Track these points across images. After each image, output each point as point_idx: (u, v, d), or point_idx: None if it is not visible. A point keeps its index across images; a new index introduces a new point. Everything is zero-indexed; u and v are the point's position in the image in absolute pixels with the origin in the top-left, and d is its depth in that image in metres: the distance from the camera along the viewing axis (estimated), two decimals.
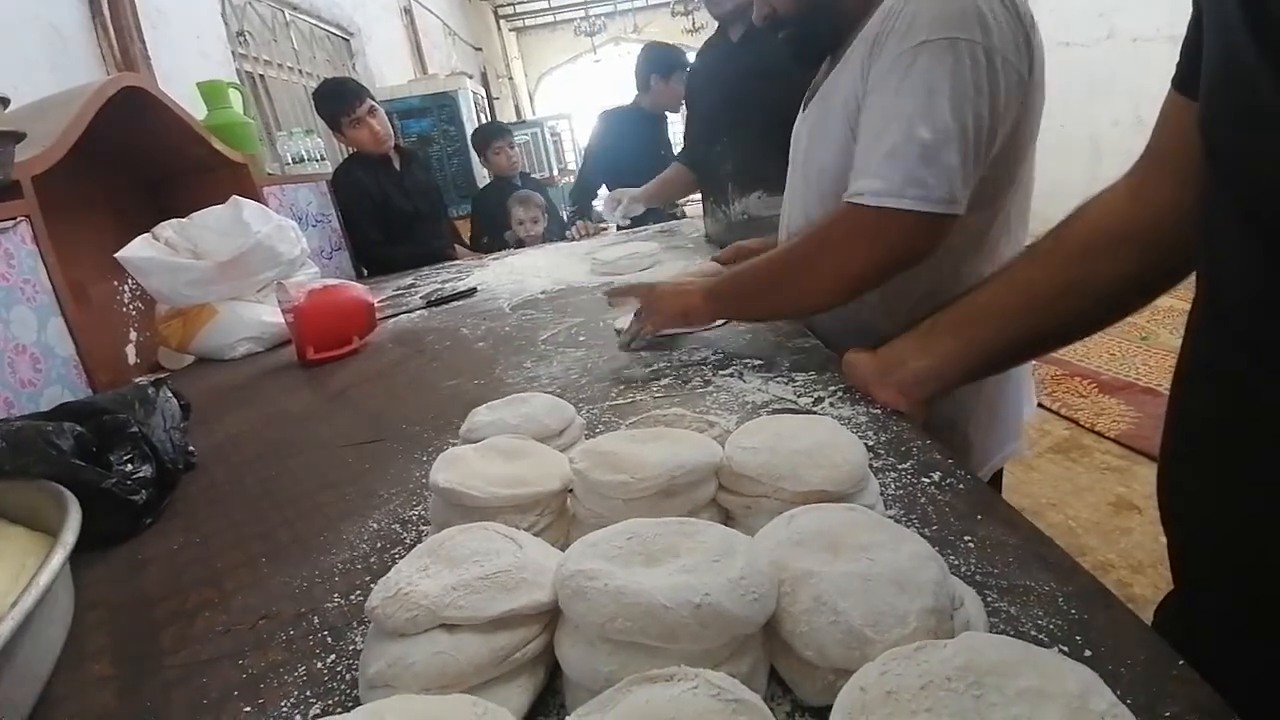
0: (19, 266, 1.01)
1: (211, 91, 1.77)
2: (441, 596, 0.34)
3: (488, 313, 1.31)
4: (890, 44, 0.70)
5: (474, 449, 0.51)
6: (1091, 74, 4.18)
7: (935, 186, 0.65)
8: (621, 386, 0.78)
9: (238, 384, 1.11)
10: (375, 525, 0.55)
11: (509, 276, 1.68)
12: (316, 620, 0.44)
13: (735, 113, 1.57)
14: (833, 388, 0.67)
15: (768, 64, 1.46)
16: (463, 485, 0.44)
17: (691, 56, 2.24)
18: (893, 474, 0.50)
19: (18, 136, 1.08)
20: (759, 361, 0.78)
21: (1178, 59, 0.44)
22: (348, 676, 0.38)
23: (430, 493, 0.57)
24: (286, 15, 3.27)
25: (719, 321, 0.90)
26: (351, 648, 0.41)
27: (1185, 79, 0.44)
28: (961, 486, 0.47)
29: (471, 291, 1.53)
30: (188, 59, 2.23)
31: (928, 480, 0.49)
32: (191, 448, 0.76)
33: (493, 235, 2.60)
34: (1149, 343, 2.77)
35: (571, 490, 0.48)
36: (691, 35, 12.02)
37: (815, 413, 0.62)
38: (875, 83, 0.72)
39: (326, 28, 3.76)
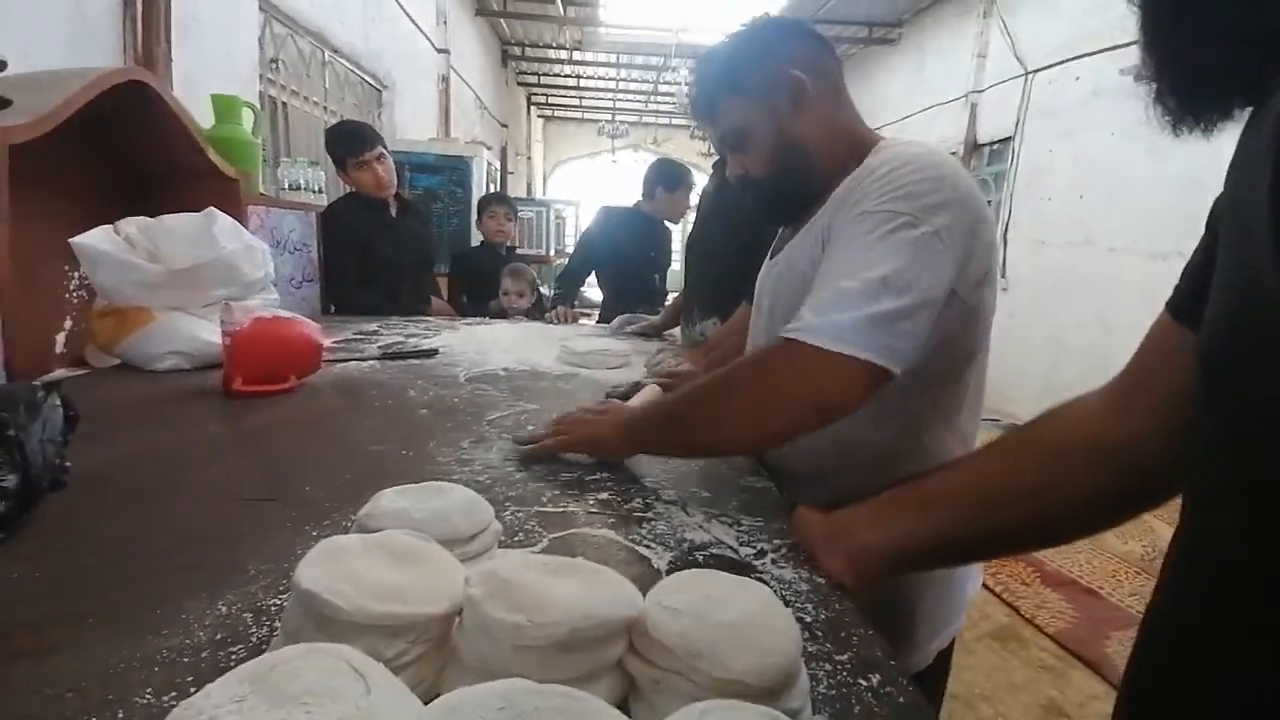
0: None
1: (225, 105, 1.76)
2: None
3: (441, 378, 1.25)
4: (843, 215, 0.75)
5: (361, 542, 0.44)
6: (1063, 274, 4.47)
7: (866, 336, 0.65)
8: (556, 491, 0.72)
9: (148, 400, 1.01)
10: (224, 609, 0.47)
11: (474, 345, 1.63)
12: (122, 715, 0.36)
13: (707, 241, 1.65)
14: (777, 541, 0.62)
15: (734, 206, 1.55)
16: (327, 591, 0.37)
17: (701, 177, 2.40)
18: (827, 665, 0.44)
19: (3, 102, 1.04)
20: (707, 494, 0.73)
21: (1177, 282, 0.43)
22: None
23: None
24: (325, 55, 3.38)
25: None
26: None
27: (1183, 306, 0.43)
28: (902, 700, 0.41)
29: (432, 353, 1.47)
30: (212, 71, 2.25)
31: (865, 683, 0.43)
32: (68, 463, 0.67)
33: (471, 297, 2.58)
34: (1096, 544, 2.77)
35: (460, 617, 0.41)
36: (705, 158, 12.82)
37: (755, 568, 0.57)
38: (829, 250, 0.76)
39: (362, 75, 3.89)
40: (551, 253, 8.19)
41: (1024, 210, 4.92)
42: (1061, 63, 4.57)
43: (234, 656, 0.42)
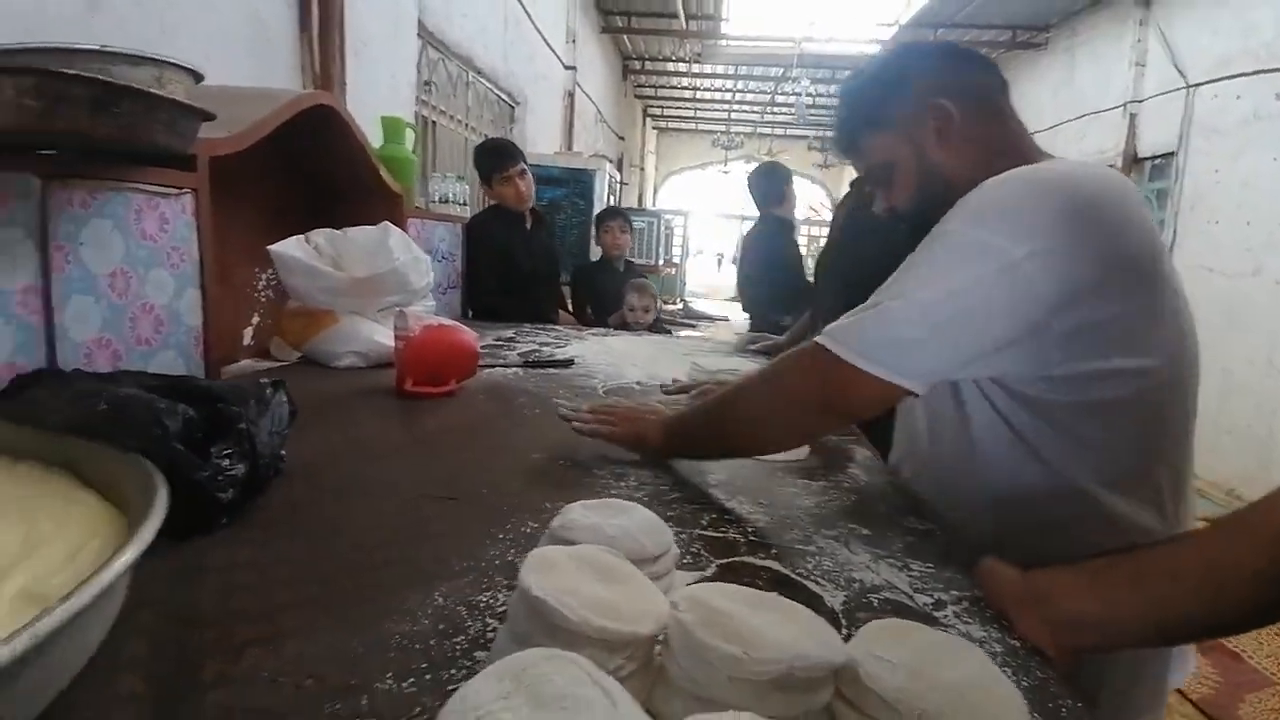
0: (172, 233, 1.08)
1: (392, 126, 1.93)
2: None
3: (581, 389, 1.30)
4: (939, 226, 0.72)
5: (569, 556, 0.47)
6: (1232, 306, 3.99)
7: (877, 346, 0.66)
8: (714, 515, 0.73)
9: (333, 395, 1.13)
10: (440, 601, 0.52)
11: (605, 357, 1.68)
12: (365, 702, 0.40)
13: (841, 261, 1.62)
14: (955, 592, 0.60)
15: (873, 228, 1.50)
16: (556, 601, 0.40)
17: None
18: None
19: (206, 115, 1.19)
20: (867, 532, 0.72)
21: None
22: None
23: (507, 587, 0.53)
24: (469, 76, 3.63)
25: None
26: None
27: None
28: None
29: (569, 362, 1.53)
30: (378, 91, 2.48)
31: None
32: (284, 453, 0.76)
33: (595, 309, 2.67)
34: None
35: (663, 639, 0.42)
36: (821, 169, 12.53)
37: (937, 619, 0.55)
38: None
39: (499, 93, 4.14)
40: (660, 262, 8.29)
41: (1190, 233, 4.43)
42: (1221, 79, 4.12)
43: (458, 646, 0.46)
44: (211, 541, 0.58)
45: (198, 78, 0.84)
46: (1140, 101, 5.00)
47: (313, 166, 1.72)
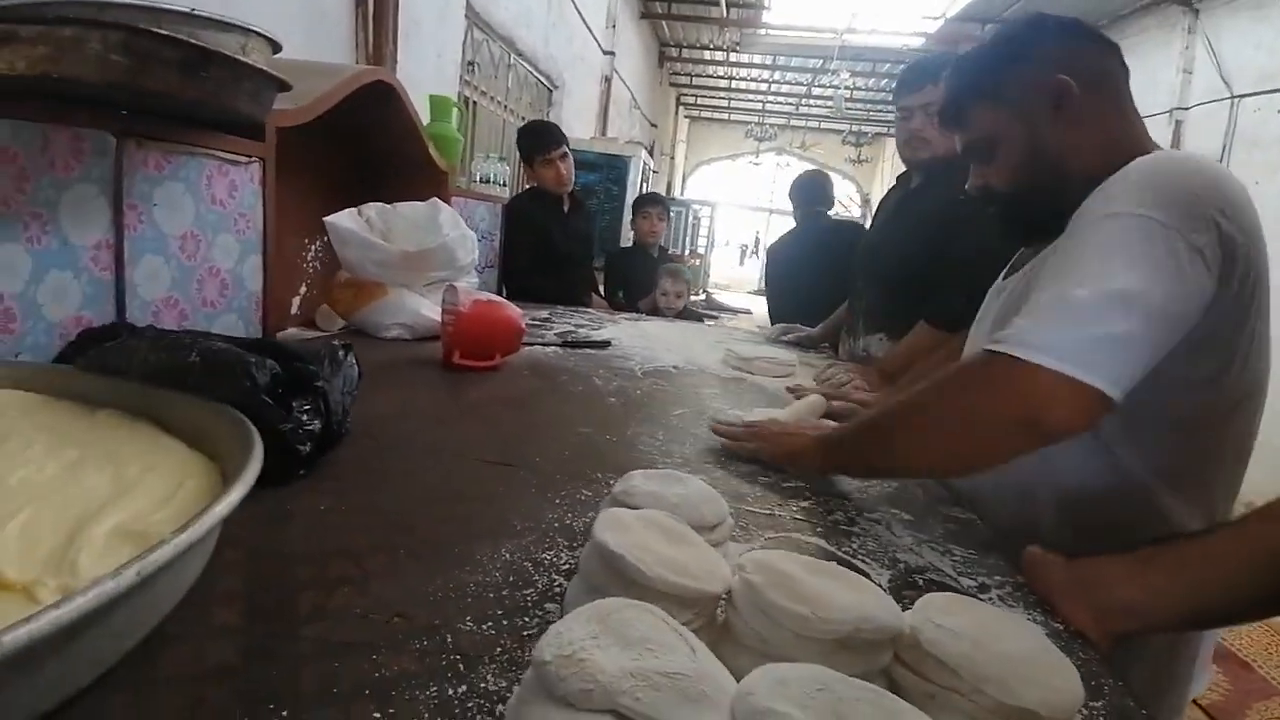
0: (239, 200, 1.12)
1: (440, 105, 1.96)
2: (619, 679, 0.32)
3: (620, 371, 1.33)
4: (1089, 211, 0.67)
5: (636, 518, 0.49)
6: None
7: (1081, 350, 0.58)
8: (759, 493, 0.75)
9: (383, 364, 1.16)
10: (508, 556, 0.54)
11: (641, 340, 1.70)
12: (450, 639, 0.43)
13: (880, 255, 1.60)
14: (998, 577, 0.61)
15: (919, 221, 1.51)
16: (633, 557, 0.42)
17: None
18: (1082, 713, 0.44)
19: (284, 86, 1.22)
20: (909, 517, 0.73)
21: None
22: (478, 717, 0.36)
23: (568, 547, 0.56)
24: (511, 58, 3.65)
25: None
26: (483, 685, 0.39)
27: None
28: None
29: (605, 344, 1.56)
30: (425, 70, 2.51)
31: None
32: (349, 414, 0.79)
33: (627, 294, 2.69)
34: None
35: (726, 598, 0.45)
36: (854, 165, 12.37)
37: (982, 600, 0.56)
38: (1066, 240, 0.68)
39: (539, 75, 4.15)
40: (686, 252, 8.26)
41: None
42: (1264, 93, 4.03)
43: (528, 597, 0.49)
44: (290, 491, 0.61)
45: (276, 48, 0.86)
46: (1186, 109, 4.90)
47: (363, 140, 1.75)
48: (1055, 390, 0.58)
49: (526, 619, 0.46)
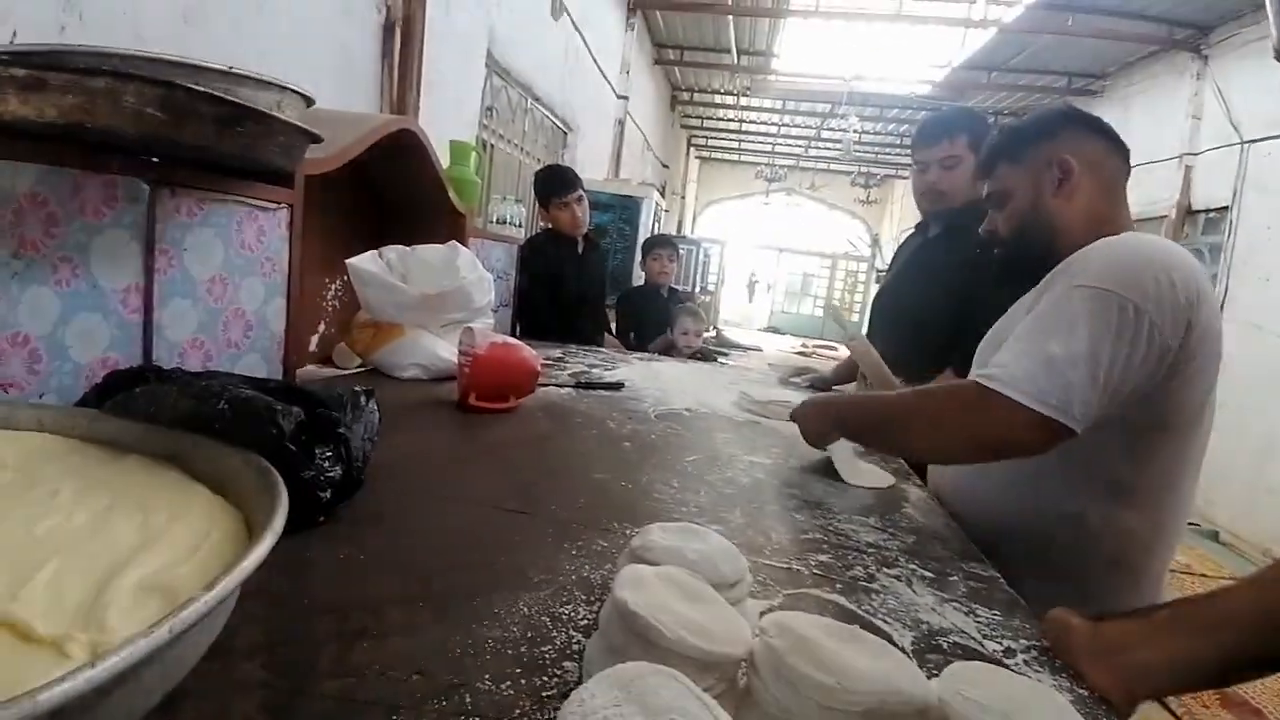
0: (266, 245, 1.15)
1: (459, 150, 2.02)
2: None
3: (633, 413, 1.33)
4: (1058, 281, 0.85)
5: (656, 576, 0.49)
6: (1277, 366, 3.87)
7: (1049, 391, 0.75)
8: (776, 546, 0.75)
9: (400, 404, 1.17)
10: (525, 610, 0.54)
11: (654, 382, 1.71)
12: (469, 700, 0.43)
13: (900, 302, 1.62)
14: (1024, 641, 0.60)
15: (939, 269, 1.55)
16: (653, 618, 0.42)
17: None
18: None
19: (315, 139, 1.27)
20: (929, 574, 0.72)
21: None
22: None
23: (585, 601, 0.56)
24: (528, 103, 3.75)
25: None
26: None
27: None
28: None
29: (619, 385, 1.56)
30: (445, 116, 2.59)
31: None
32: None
33: (639, 334, 2.71)
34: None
35: (748, 661, 0.44)
36: (863, 205, 12.51)
37: (1007, 665, 0.55)
38: (1040, 305, 0.85)
39: (554, 119, 4.26)
40: (697, 289, 8.32)
41: (1241, 289, 4.35)
42: (1275, 138, 4.07)
43: (546, 655, 0.48)
44: (310, 538, 0.62)
45: (309, 103, 0.90)
46: (1195, 154, 4.94)
47: (384, 184, 1.80)
48: (1028, 421, 0.77)
49: (545, 678, 0.46)
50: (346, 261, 1.38)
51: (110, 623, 0.40)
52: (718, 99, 8.87)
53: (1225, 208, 4.56)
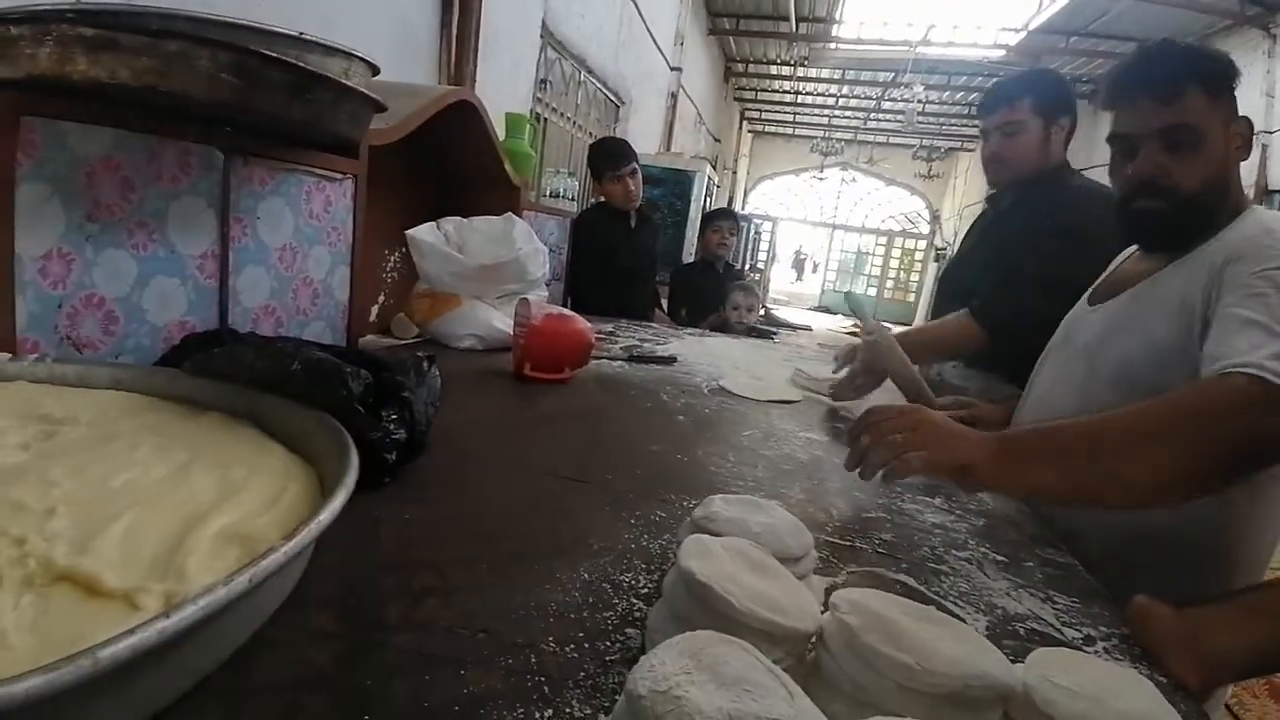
0: (333, 215, 1.17)
1: (515, 122, 2.01)
2: None
3: (687, 387, 1.31)
4: (1244, 269, 0.73)
5: (722, 546, 0.48)
6: None
7: None
8: (836, 523, 0.73)
9: (459, 374, 1.19)
10: (586, 576, 0.54)
11: (706, 357, 1.69)
12: (534, 659, 0.43)
13: (963, 277, 1.57)
14: (1104, 628, 0.57)
15: (1001, 241, 1.46)
16: (722, 589, 0.41)
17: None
18: None
19: (380, 107, 1.28)
20: (1001, 558, 0.69)
21: None
22: None
23: (645, 570, 0.55)
24: (581, 75, 3.72)
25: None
26: (568, 711, 0.38)
27: None
28: None
29: (671, 360, 1.55)
30: (500, 88, 2.59)
31: None
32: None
33: (691, 310, 2.68)
34: None
35: (817, 637, 0.43)
36: (924, 180, 12.02)
37: (1086, 653, 0.52)
38: (1229, 303, 0.72)
39: (607, 92, 4.21)
40: (747, 267, 8.20)
41: None
42: None
43: (608, 620, 0.48)
44: (377, 498, 0.63)
45: (375, 71, 0.90)
46: (1271, 133, 4.59)
47: (443, 155, 1.81)
48: None
49: (608, 643, 0.46)
50: (406, 232, 1.40)
51: (189, 571, 0.41)
52: (773, 70, 8.60)
53: None
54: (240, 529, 0.47)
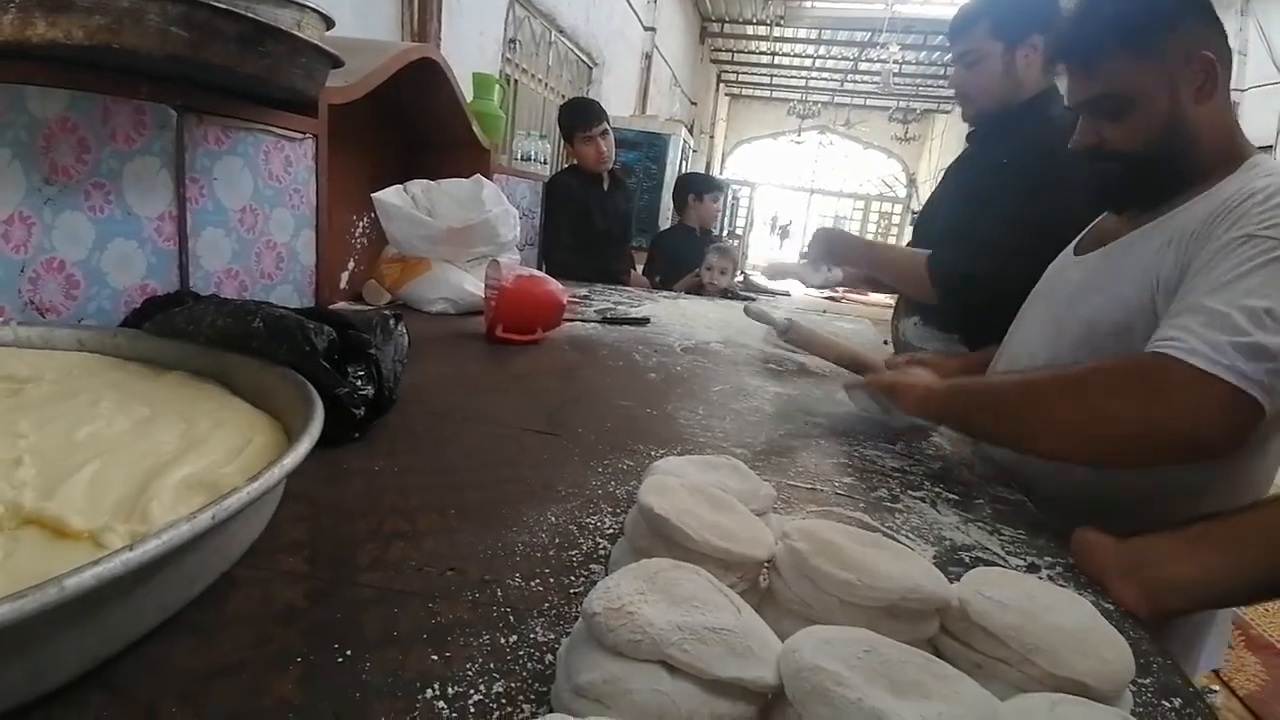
0: (294, 176, 1.15)
1: (482, 82, 1.97)
2: (667, 632, 0.32)
3: (659, 346, 1.33)
4: (1216, 234, 0.68)
5: (681, 484, 0.49)
6: None
7: (1246, 364, 0.58)
8: (800, 470, 0.75)
9: (428, 336, 1.19)
10: (553, 519, 0.56)
11: (680, 318, 1.70)
12: (500, 593, 0.44)
13: (929, 225, 1.50)
14: (1049, 558, 0.60)
15: (962, 187, 1.39)
16: (678, 520, 0.43)
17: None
18: (1130, 687, 0.43)
19: (337, 62, 1.24)
20: (954, 496, 0.72)
21: None
22: (529, 664, 0.38)
23: (611, 513, 0.57)
24: (551, 35, 3.63)
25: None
26: (532, 636, 0.40)
27: None
28: None
29: (645, 320, 1.56)
30: (467, 48, 2.52)
31: (1168, 705, 0.43)
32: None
33: (666, 275, 2.68)
34: None
35: (770, 564, 0.45)
36: (900, 142, 12.00)
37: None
38: (1196, 268, 0.68)
39: (578, 53, 4.12)
40: (725, 233, 8.17)
41: None
42: None
43: (574, 558, 0.50)
44: (346, 452, 0.64)
45: (329, 24, 0.88)
46: (1243, 90, 4.67)
47: (409, 118, 1.77)
48: (1222, 401, 0.58)
49: (573, 578, 0.48)
50: (373, 195, 1.38)
51: (154, 514, 0.42)
52: (749, 30, 8.45)
53: (1269, 146, 4.38)
54: (204, 477, 0.48)
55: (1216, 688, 2.04)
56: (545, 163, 2.42)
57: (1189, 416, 0.59)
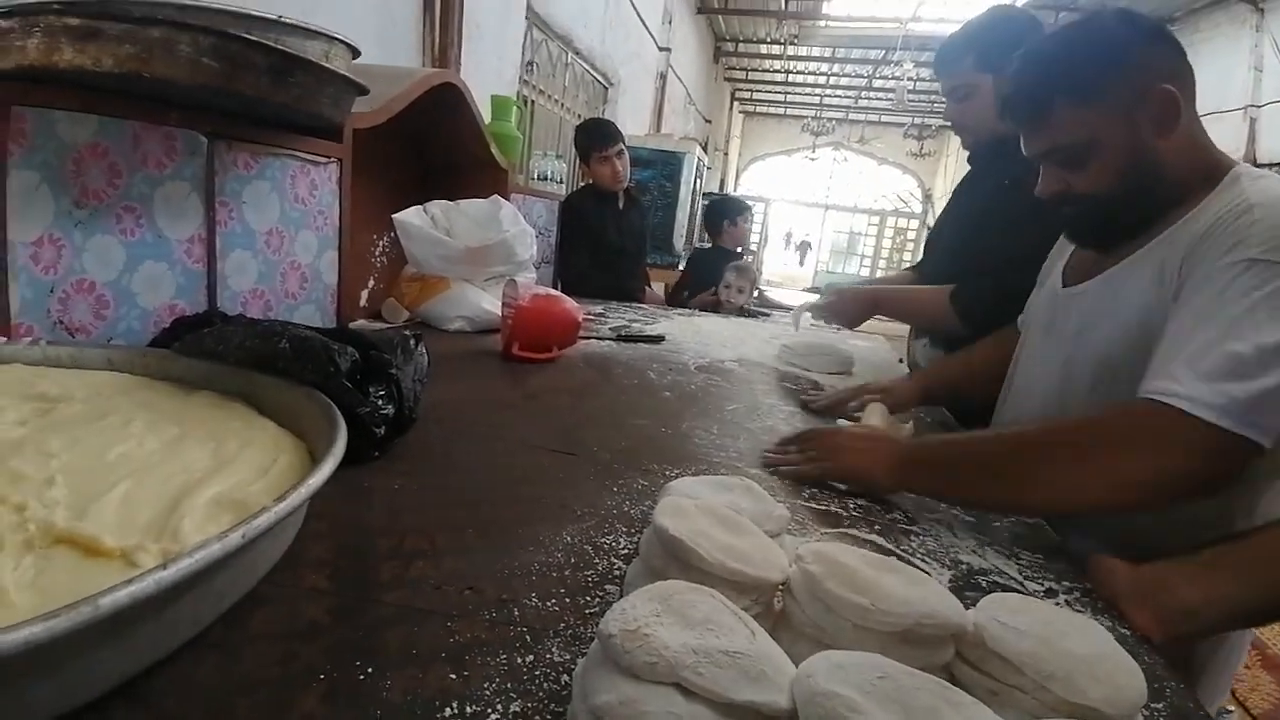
0: (318, 199, 1.18)
1: (500, 105, 2.01)
2: (682, 655, 0.33)
3: (674, 365, 1.34)
4: (1212, 254, 0.65)
5: (696, 506, 0.50)
6: None
7: (1245, 406, 0.57)
8: (815, 489, 0.75)
9: (449, 355, 1.21)
10: (569, 539, 0.56)
11: (694, 336, 1.71)
12: (517, 613, 0.45)
13: (936, 240, 1.53)
14: (1066, 583, 0.60)
15: (964, 213, 1.40)
16: (692, 542, 0.44)
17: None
18: (1144, 713, 0.43)
19: (362, 90, 1.28)
20: (970, 519, 0.72)
21: None
22: (545, 685, 0.38)
23: (626, 533, 0.58)
24: (568, 57, 3.70)
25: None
26: (548, 656, 0.41)
27: None
28: None
29: (659, 338, 1.57)
30: (485, 71, 2.57)
31: None
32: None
33: (696, 294, 2.67)
34: None
35: (784, 587, 0.45)
36: (916, 158, 11.99)
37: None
38: (1189, 290, 0.66)
39: (594, 74, 4.19)
40: (739, 250, 8.16)
41: None
42: None
43: (589, 578, 0.51)
44: (366, 471, 0.65)
45: (355, 54, 0.91)
46: (1260, 106, 4.64)
47: (429, 139, 1.81)
48: (1222, 446, 0.57)
49: (588, 598, 0.48)
50: (393, 216, 1.41)
51: (184, 532, 0.43)
52: (763, 49, 8.53)
53: None
54: (233, 495, 0.49)
55: (1232, 708, 2.01)
56: (561, 182, 2.45)
57: (1201, 465, 0.58)
